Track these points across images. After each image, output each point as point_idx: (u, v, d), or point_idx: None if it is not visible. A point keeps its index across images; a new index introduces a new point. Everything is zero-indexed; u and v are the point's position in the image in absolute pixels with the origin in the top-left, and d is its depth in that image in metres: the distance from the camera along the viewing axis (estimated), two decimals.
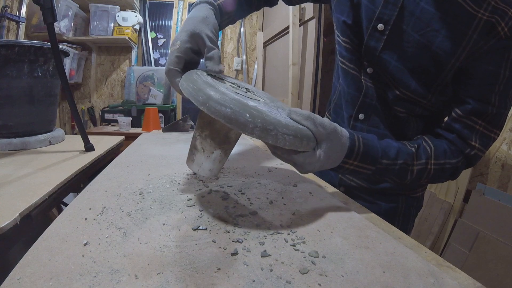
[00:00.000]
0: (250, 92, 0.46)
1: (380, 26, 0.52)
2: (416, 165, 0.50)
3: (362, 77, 0.58)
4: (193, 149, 0.42)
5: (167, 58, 0.47)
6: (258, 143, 1.00)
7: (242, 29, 2.91)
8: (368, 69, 0.57)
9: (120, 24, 2.49)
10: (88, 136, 0.86)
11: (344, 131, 0.45)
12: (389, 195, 0.63)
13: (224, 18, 0.59)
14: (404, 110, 0.56)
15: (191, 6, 0.56)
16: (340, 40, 0.60)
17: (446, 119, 0.55)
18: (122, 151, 0.86)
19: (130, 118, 2.19)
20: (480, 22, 0.46)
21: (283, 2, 0.73)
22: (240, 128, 0.34)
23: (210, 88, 0.36)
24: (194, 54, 0.46)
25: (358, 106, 0.60)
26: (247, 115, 0.34)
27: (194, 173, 0.61)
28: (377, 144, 0.48)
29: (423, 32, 0.49)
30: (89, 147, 0.85)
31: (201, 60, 0.47)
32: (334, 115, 0.69)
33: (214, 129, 0.41)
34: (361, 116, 0.60)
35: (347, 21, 0.58)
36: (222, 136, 0.41)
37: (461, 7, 0.46)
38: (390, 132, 0.59)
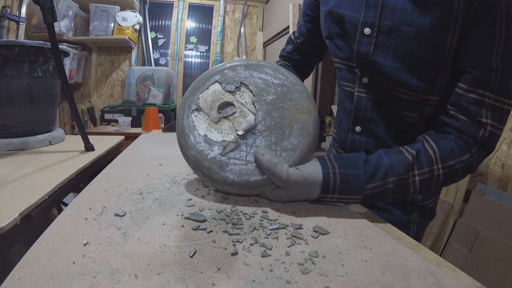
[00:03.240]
0: (254, 96, 0.50)
1: (366, 30, 0.52)
2: (418, 175, 0.46)
3: (356, 88, 0.59)
4: None
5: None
6: None
7: (242, 29, 2.91)
8: (363, 79, 0.57)
9: (120, 24, 2.49)
10: (88, 136, 0.86)
11: (318, 174, 0.44)
12: (403, 203, 0.63)
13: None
14: (413, 114, 0.54)
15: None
16: (337, 63, 0.62)
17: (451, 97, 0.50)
18: (122, 151, 0.86)
19: (130, 118, 2.19)
20: None
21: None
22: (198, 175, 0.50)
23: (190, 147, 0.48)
24: None
25: (352, 119, 0.61)
26: (199, 173, 0.48)
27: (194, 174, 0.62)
28: (359, 171, 0.45)
29: (410, 21, 0.47)
30: (89, 147, 0.85)
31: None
32: (338, 129, 0.71)
33: None
34: (357, 128, 0.61)
35: (336, 41, 0.59)
36: None
37: None
38: (392, 141, 0.58)
